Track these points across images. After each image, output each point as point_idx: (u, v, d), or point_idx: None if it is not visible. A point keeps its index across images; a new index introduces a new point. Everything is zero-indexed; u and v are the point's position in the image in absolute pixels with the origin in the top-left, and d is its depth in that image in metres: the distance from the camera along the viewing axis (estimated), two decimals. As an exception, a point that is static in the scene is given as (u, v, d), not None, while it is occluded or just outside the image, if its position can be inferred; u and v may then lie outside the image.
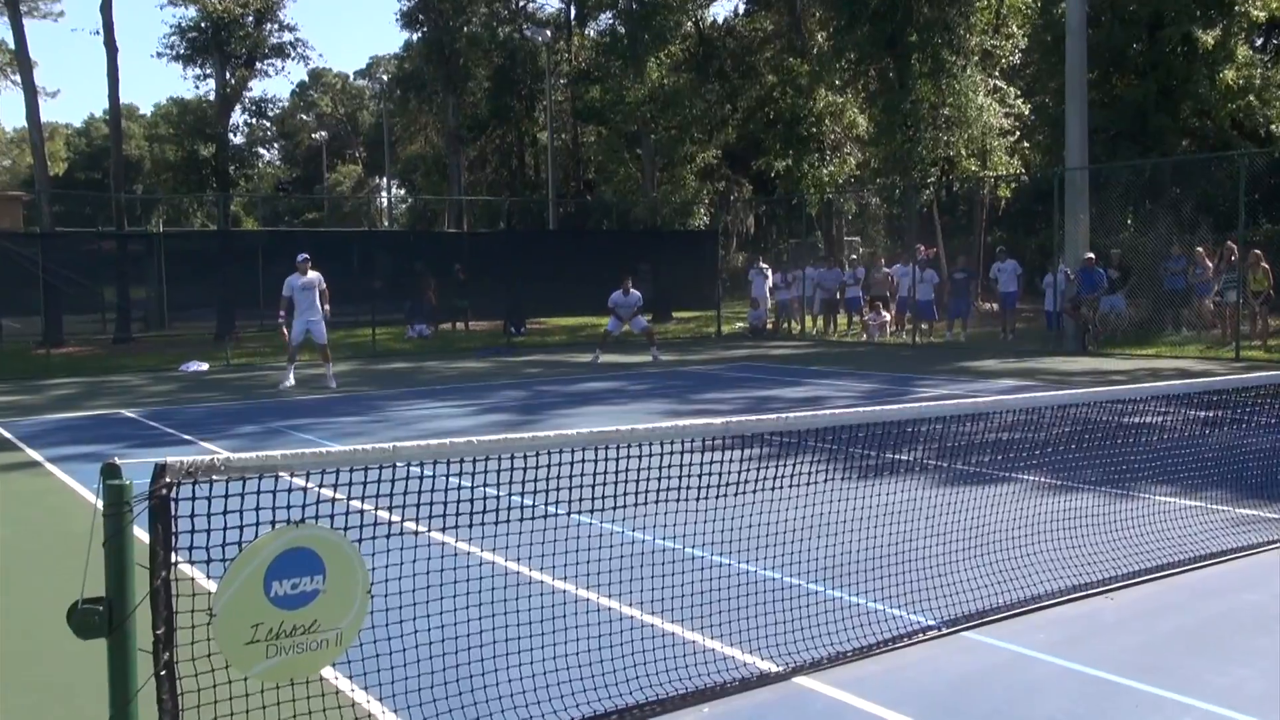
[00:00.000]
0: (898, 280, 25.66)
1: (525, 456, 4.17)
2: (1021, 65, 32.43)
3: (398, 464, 3.85)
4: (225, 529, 3.45)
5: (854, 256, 29.11)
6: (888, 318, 26.13)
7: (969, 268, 24.79)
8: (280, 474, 3.52)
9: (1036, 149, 31.85)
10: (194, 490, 3.37)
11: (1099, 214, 22.95)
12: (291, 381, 16.64)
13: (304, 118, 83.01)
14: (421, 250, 27.52)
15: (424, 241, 29.52)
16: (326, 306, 16.83)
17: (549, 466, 4.22)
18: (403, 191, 70.67)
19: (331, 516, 3.63)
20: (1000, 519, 6.50)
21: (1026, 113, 31.66)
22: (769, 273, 28.76)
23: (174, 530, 3.30)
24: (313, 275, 16.62)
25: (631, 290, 21.56)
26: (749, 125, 42.77)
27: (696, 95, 34.02)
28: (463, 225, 38.87)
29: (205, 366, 21.09)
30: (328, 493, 3.70)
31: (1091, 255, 20.87)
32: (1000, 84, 31.29)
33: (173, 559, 3.28)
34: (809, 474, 5.18)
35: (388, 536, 3.90)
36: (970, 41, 29.19)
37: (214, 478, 3.38)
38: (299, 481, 3.69)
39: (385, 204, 64.82)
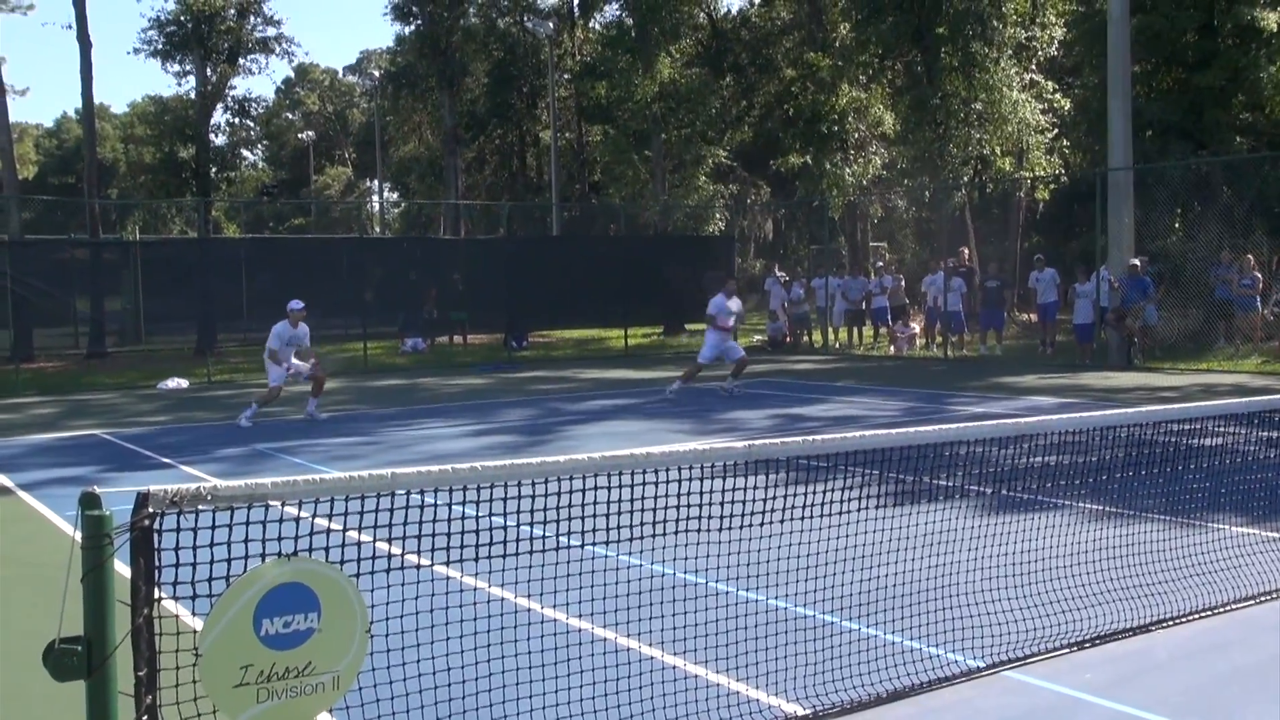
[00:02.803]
0: (925, 290, 25.59)
1: (534, 483, 4.15)
2: (1060, 57, 32.36)
3: (397, 492, 3.83)
4: (212, 562, 3.43)
5: (879, 263, 29.05)
6: (916, 330, 26.10)
7: (1001, 276, 24.69)
8: (271, 503, 3.49)
9: (1077, 148, 31.79)
10: (179, 521, 3.35)
11: (1142, 217, 22.89)
12: (249, 423, 14.90)
13: (290, 117, 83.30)
14: (416, 258, 27.55)
15: (419, 249, 29.54)
16: (313, 360, 15.59)
17: (559, 494, 4.19)
18: (395, 195, 70.85)
19: (326, 549, 3.61)
20: (1045, 549, 6.46)
21: (1066, 108, 31.61)
22: (786, 281, 28.75)
23: (157, 564, 3.28)
24: (304, 327, 15.30)
25: (735, 298, 18.47)
26: (766, 123, 42.87)
27: (710, 91, 34.04)
28: (460, 231, 38.91)
29: (185, 384, 21.12)
30: (322, 523, 3.68)
31: (1137, 262, 20.79)
32: (1037, 78, 31.25)
33: (156, 595, 3.27)
34: (839, 501, 5.15)
35: (387, 571, 3.88)
36: (1004, 33, 29.17)
37: (200, 507, 3.36)
38: (291, 511, 3.67)
39: (377, 209, 64.98)
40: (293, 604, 3.42)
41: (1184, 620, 5.77)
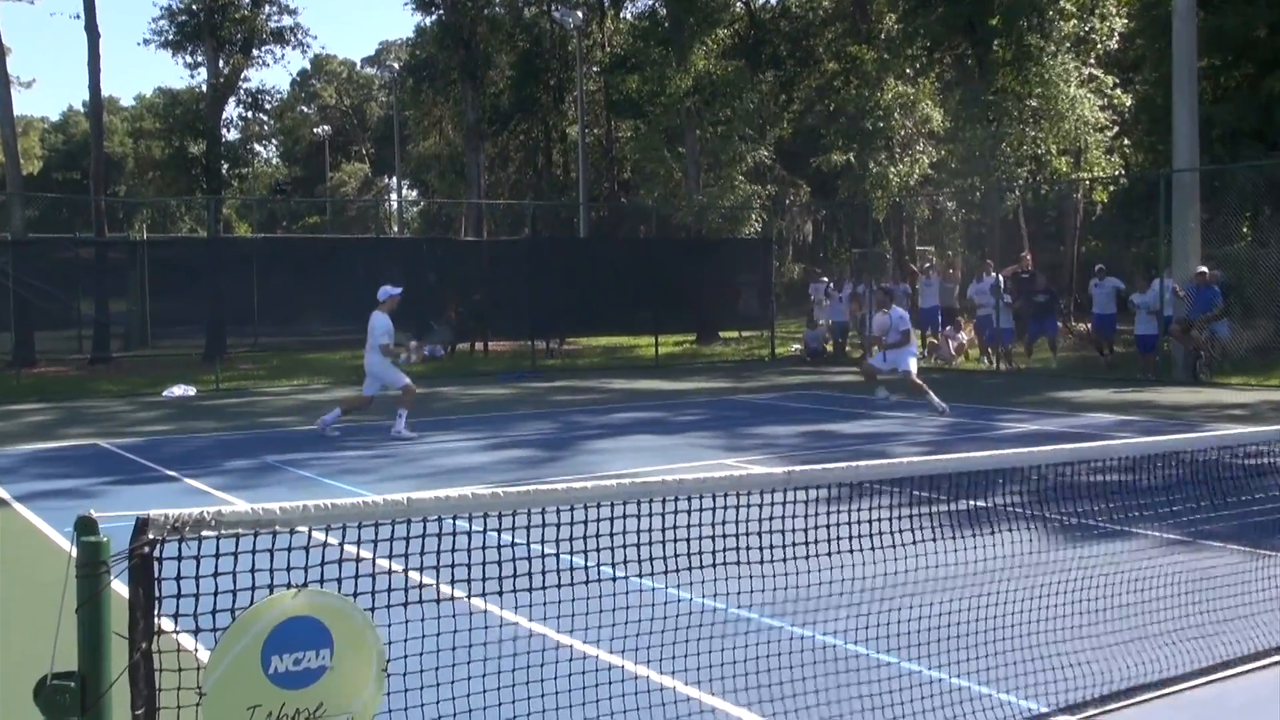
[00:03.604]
0: (972, 297, 25.39)
1: (559, 511, 4.08)
2: (1120, 50, 32.11)
3: (413, 519, 3.76)
4: (217, 593, 3.36)
5: (927, 265, 28.89)
6: (964, 339, 25.92)
7: (1051, 288, 24.38)
8: (279, 530, 3.43)
9: (1138, 147, 31.53)
10: (181, 548, 3.29)
11: (1208, 221, 22.65)
12: (409, 433, 14.51)
13: (305, 110, 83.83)
14: (436, 260, 27.58)
15: (439, 250, 29.56)
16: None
17: (586, 522, 4.12)
18: (415, 193, 71.17)
19: (339, 580, 3.55)
20: (1112, 581, 6.33)
21: (1126, 105, 31.36)
22: (830, 288, 28.66)
23: (158, 595, 3.22)
24: None
25: (896, 308, 17.70)
26: (806, 119, 42.80)
27: (747, 85, 33.97)
28: (482, 231, 38.99)
29: (192, 391, 21.22)
30: (335, 551, 3.62)
31: (1205, 270, 20.55)
32: (1096, 72, 31.02)
33: (156, 628, 3.20)
34: (886, 531, 5.05)
35: (405, 604, 3.82)
36: (1061, 25, 28.96)
37: (204, 534, 3.31)
38: (302, 538, 3.61)
39: (395, 207, 65.26)
40: (304, 639, 3.35)
41: (1265, 662, 5.63)
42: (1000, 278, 24.19)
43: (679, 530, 4.35)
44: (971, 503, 5.68)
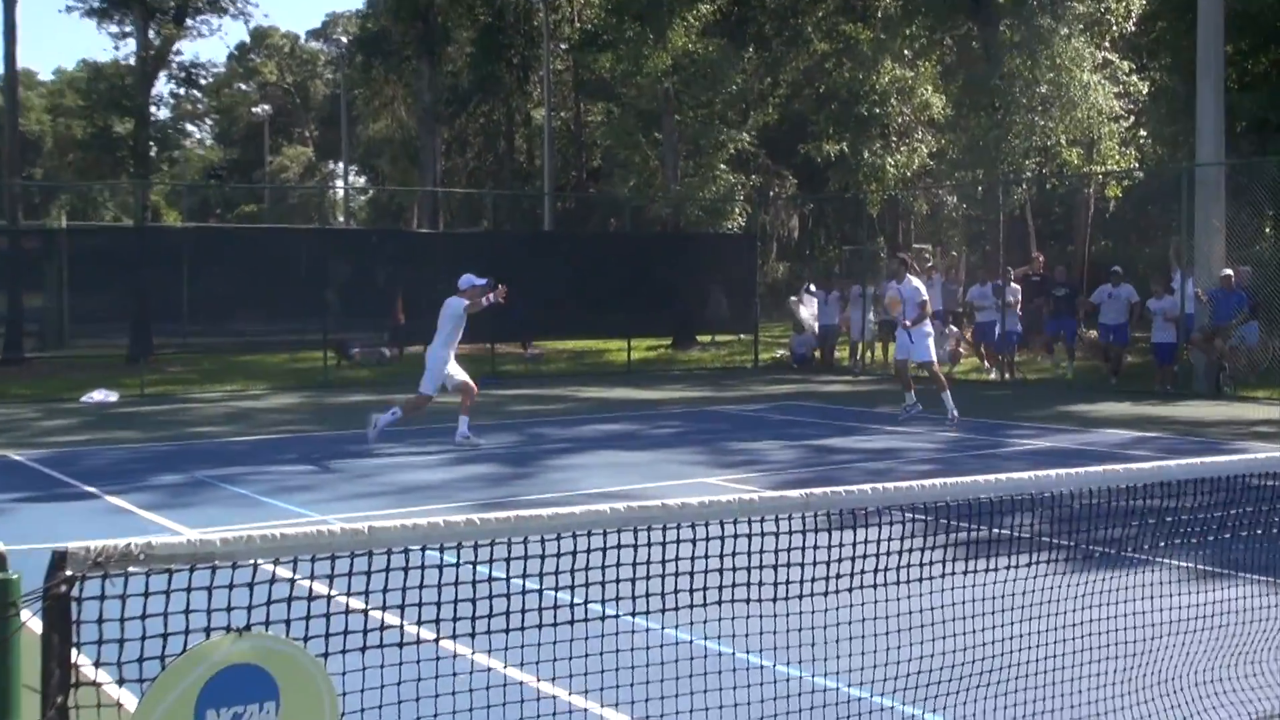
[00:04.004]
0: (973, 300, 25.34)
1: (544, 540, 3.88)
2: (1137, 33, 32.27)
3: (375, 550, 3.57)
4: (145, 638, 3.16)
5: (928, 264, 28.87)
6: (955, 331, 25.81)
7: (1070, 282, 24.41)
8: (219, 564, 3.23)
9: (1157, 139, 31.68)
10: (104, 585, 3.09)
11: (1232, 219, 22.65)
12: (476, 439, 14.73)
13: (243, 88, 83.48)
14: (387, 253, 27.35)
15: (390, 242, 29.33)
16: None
17: (575, 554, 3.92)
18: (363, 180, 70.90)
19: (288, 621, 3.34)
20: (1145, 616, 6.16)
21: (1144, 92, 31.49)
22: (815, 293, 28.66)
23: (76, 640, 3.02)
24: None
25: (910, 279, 17.05)
26: (793, 104, 42.87)
27: (731, 65, 33.94)
28: (438, 223, 38.78)
29: (114, 397, 20.93)
30: (283, 587, 3.41)
31: (1230, 273, 20.58)
32: (1111, 56, 31.15)
33: (74, 679, 3.01)
34: (912, 558, 4.86)
35: (364, 648, 3.61)
36: (1075, 5, 29.04)
37: (130, 569, 3.11)
38: (245, 574, 3.40)
39: (342, 195, 65.01)
40: (245, 690, 3.16)
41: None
42: (992, 286, 24.24)
43: (680, 562, 4.16)
44: (1002, 530, 5.49)
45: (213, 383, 23.96)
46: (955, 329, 25.98)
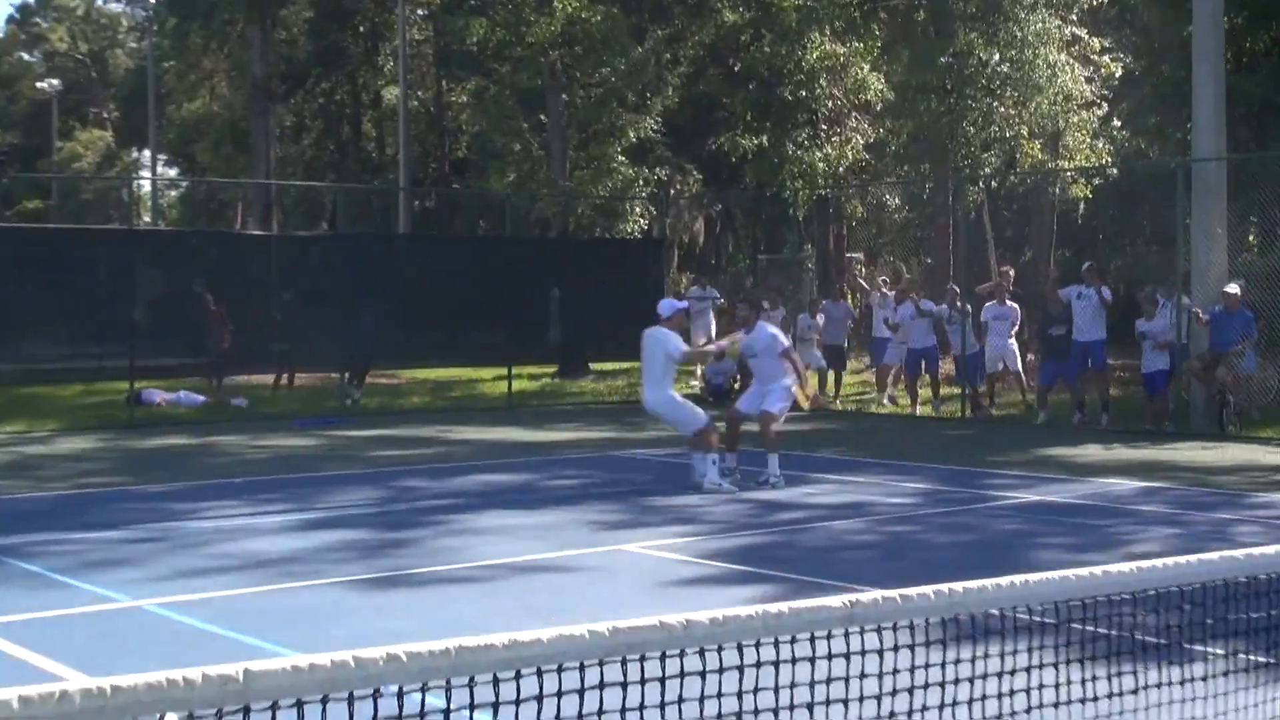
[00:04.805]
0: (900, 321, 25.04)
1: (497, 681, 3.22)
2: (1109, 4, 32.60)
3: (255, 704, 2.90)
4: None
5: (884, 279, 28.68)
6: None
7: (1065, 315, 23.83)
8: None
9: (1137, 130, 31.93)
10: None
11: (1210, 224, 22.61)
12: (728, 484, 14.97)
13: (26, 58, 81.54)
14: (209, 260, 26.44)
15: (213, 246, 28.42)
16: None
17: (540, 700, 3.28)
18: (175, 172, 69.42)
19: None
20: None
21: (1116, 75, 31.72)
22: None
23: None
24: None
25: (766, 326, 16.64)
26: (698, 85, 42.63)
27: (626, 35, 33.58)
28: (270, 223, 37.84)
29: None
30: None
31: (1234, 289, 20.53)
32: (1079, 31, 31.33)
33: None
34: (987, 685, 4.26)
35: None
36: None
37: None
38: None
39: (149, 189, 63.48)
40: None
41: None
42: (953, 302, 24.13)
43: (685, 707, 3.52)
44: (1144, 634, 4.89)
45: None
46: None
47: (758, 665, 3.66)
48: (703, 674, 3.58)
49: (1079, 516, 13.27)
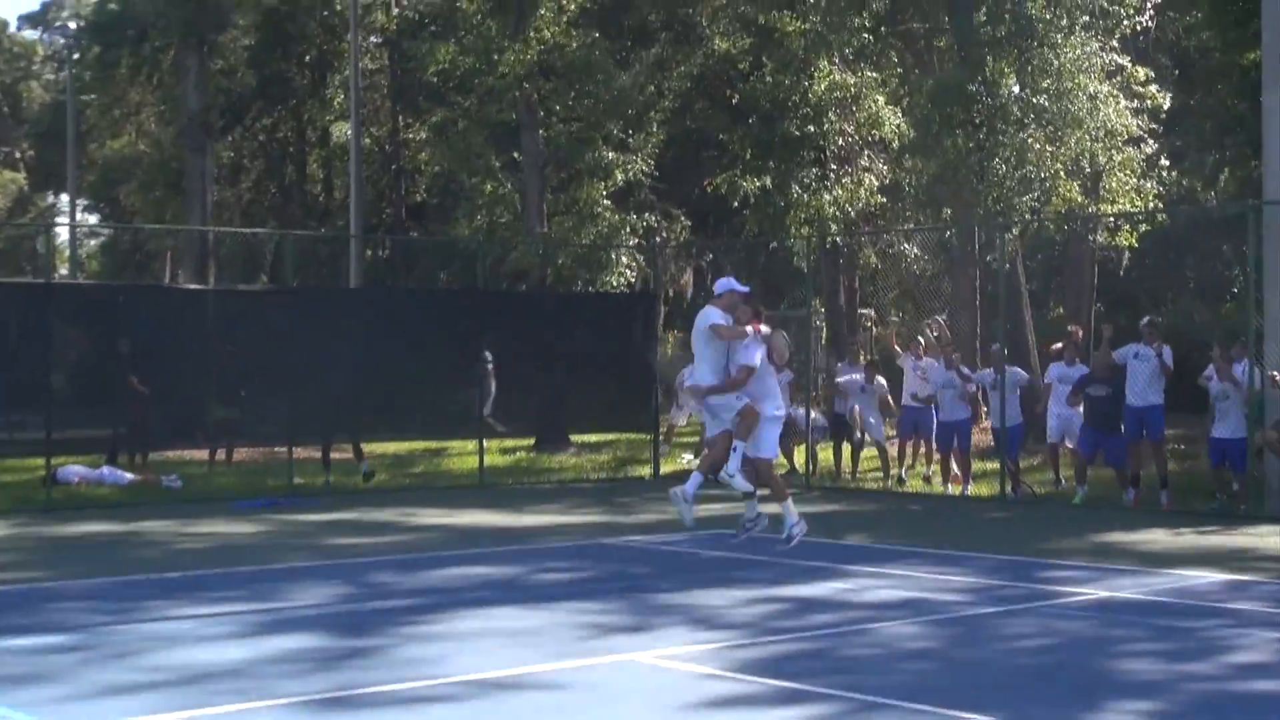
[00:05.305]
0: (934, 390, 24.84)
1: None
2: (1158, 30, 32.60)
3: None
4: None
5: (927, 335, 28.28)
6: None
7: (1112, 378, 23.24)
8: None
9: (1185, 170, 31.88)
10: None
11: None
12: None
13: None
14: (137, 317, 25.91)
15: (143, 302, 27.84)
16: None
17: None
18: (96, 218, 69.16)
19: None
20: None
21: (1164, 108, 31.65)
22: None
23: None
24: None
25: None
26: (685, 120, 42.45)
27: (612, 63, 33.39)
28: (207, 275, 37.41)
29: None
30: None
31: (1317, 348, 20.32)
32: (1121, 60, 31.27)
33: None
34: None
35: None
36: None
37: None
38: None
39: (67, 237, 63.27)
40: None
41: None
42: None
43: None
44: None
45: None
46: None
47: None
48: None
49: (1163, 617, 12.80)
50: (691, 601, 13.63)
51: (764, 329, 16.31)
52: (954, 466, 24.60)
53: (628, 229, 34.22)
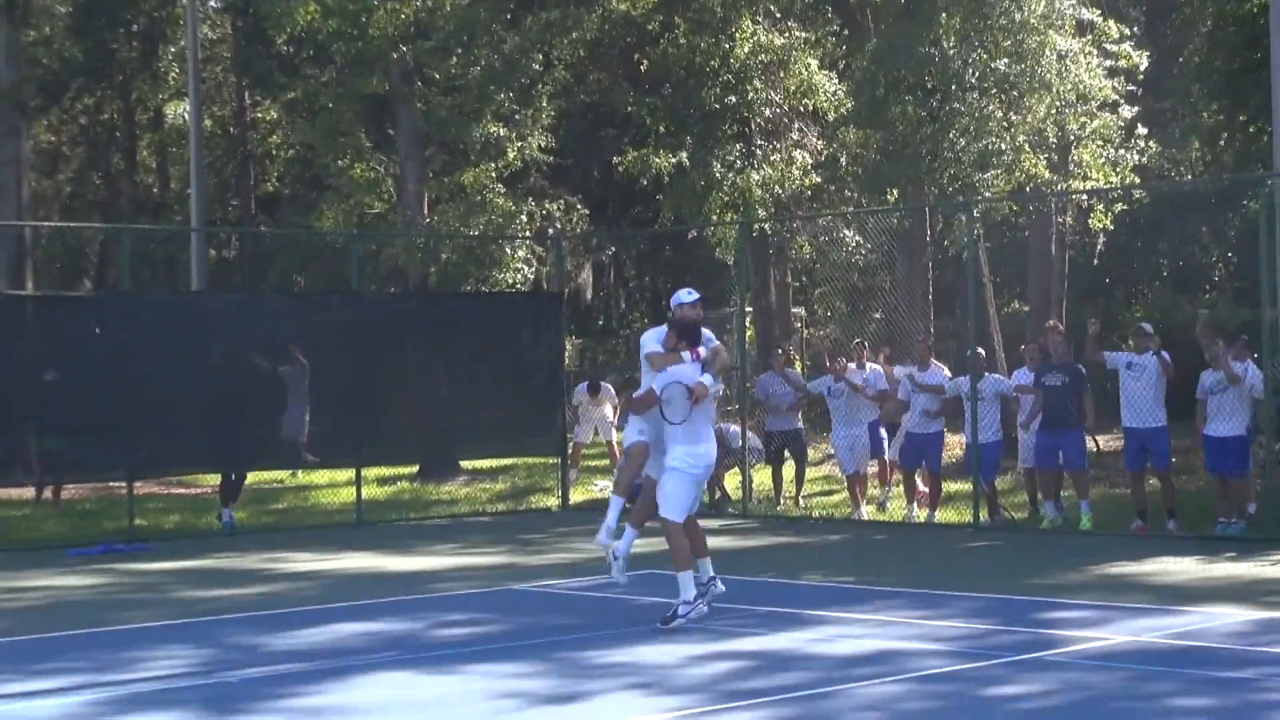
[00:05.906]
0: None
1: None
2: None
3: None
4: None
5: (862, 345, 27.98)
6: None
7: (1068, 364, 23.36)
8: None
9: (1166, 140, 31.92)
10: None
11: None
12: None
13: None
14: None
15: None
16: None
17: None
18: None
19: None
20: None
21: (1140, 70, 31.73)
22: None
23: None
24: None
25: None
26: (577, 94, 42.17)
27: (501, 24, 33.03)
28: (24, 279, 36.55)
29: None
30: None
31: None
32: (1092, 15, 31.33)
33: None
34: None
35: None
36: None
37: None
38: None
39: None
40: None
41: None
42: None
43: None
44: None
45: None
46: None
47: None
48: None
49: (1198, 665, 12.34)
50: (631, 659, 13.22)
51: (702, 351, 15.74)
52: (920, 485, 24.47)
53: (525, 217, 33.84)
